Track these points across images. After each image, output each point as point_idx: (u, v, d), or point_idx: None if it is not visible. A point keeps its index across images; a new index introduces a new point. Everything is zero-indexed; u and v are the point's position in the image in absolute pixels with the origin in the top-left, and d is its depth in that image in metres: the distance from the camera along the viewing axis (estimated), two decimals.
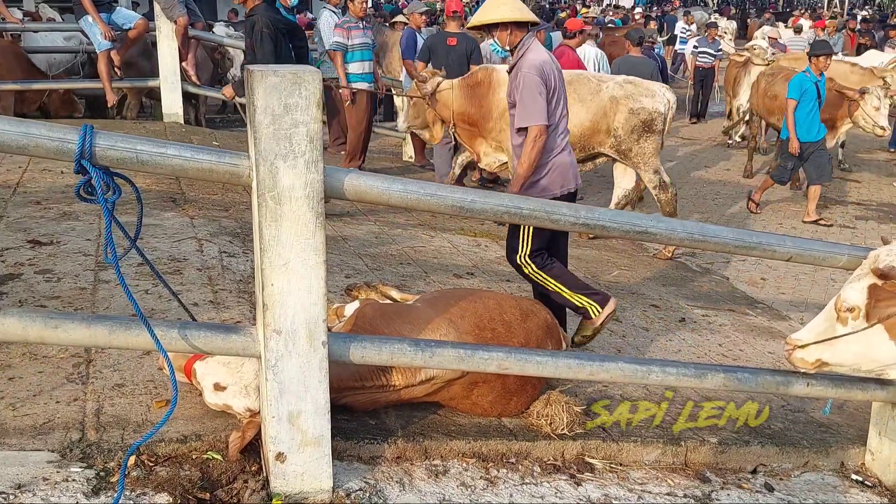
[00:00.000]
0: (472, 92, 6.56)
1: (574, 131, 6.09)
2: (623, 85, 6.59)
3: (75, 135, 2.09)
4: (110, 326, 2.27)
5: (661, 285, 5.74)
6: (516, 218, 2.64)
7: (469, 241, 6.18)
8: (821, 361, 2.87)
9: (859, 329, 2.74)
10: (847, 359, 2.84)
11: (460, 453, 2.86)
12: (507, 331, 3.09)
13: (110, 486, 2.34)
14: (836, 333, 2.81)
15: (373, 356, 2.54)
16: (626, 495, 2.84)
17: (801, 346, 2.88)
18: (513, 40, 3.78)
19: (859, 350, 2.79)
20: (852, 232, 8.17)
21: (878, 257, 2.78)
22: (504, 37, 3.78)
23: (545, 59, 3.76)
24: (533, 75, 3.66)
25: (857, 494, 3.14)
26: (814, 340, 2.86)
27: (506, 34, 3.76)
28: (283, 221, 2.25)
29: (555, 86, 3.77)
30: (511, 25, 3.74)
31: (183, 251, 4.50)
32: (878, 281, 2.73)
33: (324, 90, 8.30)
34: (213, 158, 2.24)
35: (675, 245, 5.15)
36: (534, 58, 3.72)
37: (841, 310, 2.79)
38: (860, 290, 2.76)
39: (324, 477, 2.47)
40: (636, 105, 6.46)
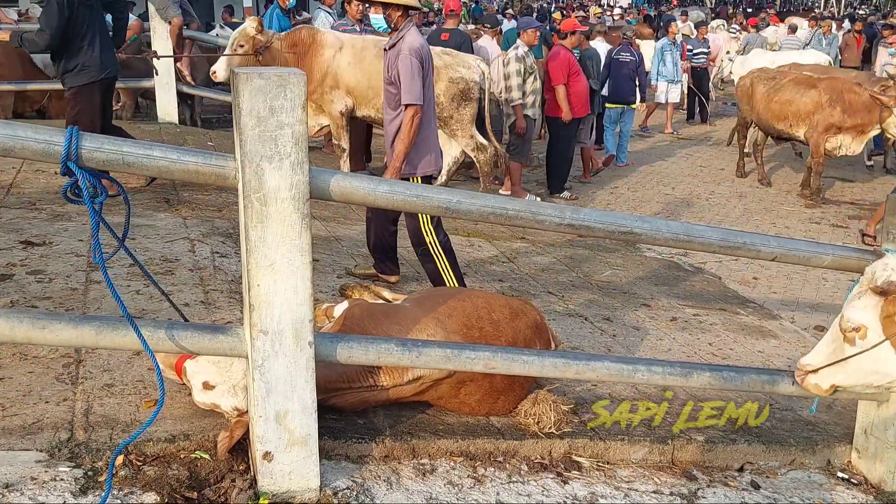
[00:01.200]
0: (292, 50, 6.56)
1: None
2: (441, 56, 6.87)
3: (61, 137, 2.10)
4: (97, 327, 2.29)
5: (652, 284, 5.77)
6: (502, 219, 2.66)
7: (461, 240, 6.19)
8: (835, 386, 2.87)
9: (868, 347, 2.73)
10: (860, 378, 2.83)
11: (448, 452, 2.88)
12: (495, 330, 3.11)
13: (98, 485, 2.35)
14: (844, 354, 2.79)
15: (360, 356, 2.56)
16: (612, 493, 2.87)
17: (813, 370, 2.87)
18: (399, 21, 4.23)
19: (871, 368, 2.78)
20: (845, 231, 8.21)
21: (875, 274, 2.77)
22: (394, 16, 4.24)
23: (423, 43, 4.25)
24: (414, 58, 4.11)
25: (843, 492, 3.16)
26: (824, 364, 2.84)
27: (396, 14, 4.23)
28: (268, 223, 2.27)
29: (427, 70, 4.21)
30: (402, 7, 4.22)
31: (175, 251, 4.52)
32: (879, 298, 2.72)
33: None
34: (199, 160, 2.26)
35: (661, 245, 5.17)
36: (413, 41, 4.17)
37: (847, 330, 2.77)
38: (862, 308, 2.75)
39: (311, 476, 2.49)
40: (455, 74, 6.88)
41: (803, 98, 9.11)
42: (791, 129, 9.38)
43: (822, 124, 8.86)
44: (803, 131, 9.19)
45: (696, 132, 13.82)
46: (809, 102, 9.03)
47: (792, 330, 5.18)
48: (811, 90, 9.10)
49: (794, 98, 9.21)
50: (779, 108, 9.42)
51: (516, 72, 8.06)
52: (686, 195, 9.55)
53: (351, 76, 6.71)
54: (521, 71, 8.06)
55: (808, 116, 9.05)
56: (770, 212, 8.91)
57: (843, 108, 8.71)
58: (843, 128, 8.77)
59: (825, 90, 8.96)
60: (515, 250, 6.16)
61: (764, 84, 9.80)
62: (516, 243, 6.42)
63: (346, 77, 6.71)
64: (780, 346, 4.74)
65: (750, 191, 9.79)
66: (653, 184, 10.08)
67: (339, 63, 6.66)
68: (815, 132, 8.95)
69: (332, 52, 6.65)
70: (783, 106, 9.36)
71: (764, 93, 9.68)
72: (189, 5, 9.08)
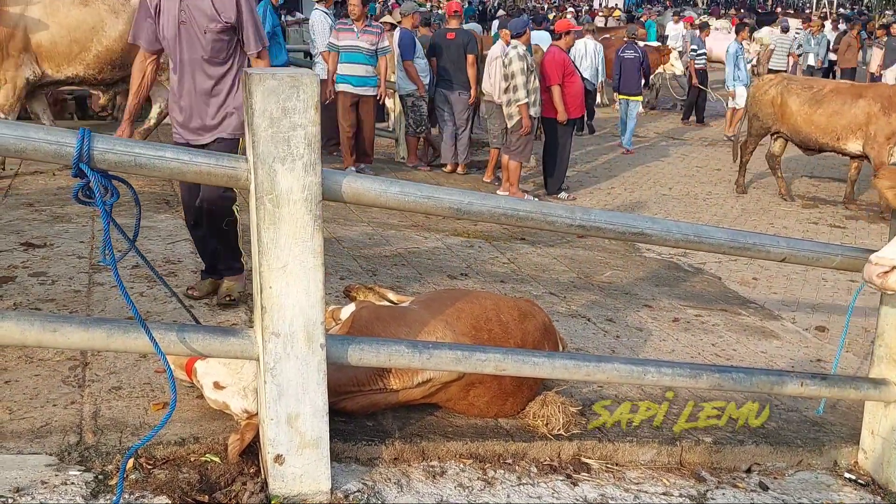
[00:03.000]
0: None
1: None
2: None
3: (73, 138, 2.08)
4: (108, 329, 2.27)
5: (653, 285, 5.77)
6: (513, 220, 2.65)
7: (463, 241, 6.19)
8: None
9: None
10: None
11: (457, 454, 2.87)
12: (504, 332, 3.10)
13: (109, 488, 2.33)
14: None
15: (370, 358, 2.54)
16: (622, 495, 2.86)
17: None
18: None
19: None
20: (843, 231, 8.24)
21: None
22: None
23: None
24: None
25: (851, 493, 3.17)
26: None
27: None
28: (281, 224, 2.26)
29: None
30: None
31: (177, 253, 4.50)
32: None
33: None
34: (212, 161, 2.24)
35: (671, 246, 5.10)
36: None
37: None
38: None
39: (322, 479, 2.47)
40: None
41: (853, 109, 8.60)
42: (839, 142, 8.77)
43: (881, 134, 8.41)
44: (857, 144, 8.66)
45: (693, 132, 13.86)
46: (861, 114, 8.54)
47: (793, 330, 5.19)
48: (860, 100, 8.61)
49: (842, 109, 8.66)
50: (825, 120, 8.79)
51: (520, 70, 8.05)
52: (683, 195, 9.57)
53: (45, 34, 5.75)
54: (524, 69, 8.06)
55: (861, 128, 8.55)
56: (767, 212, 8.94)
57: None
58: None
59: (875, 98, 8.55)
60: (516, 251, 6.16)
61: (799, 95, 9.08)
62: (516, 244, 6.42)
63: (39, 35, 5.73)
64: (782, 346, 4.75)
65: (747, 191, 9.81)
66: (650, 184, 10.10)
67: (28, 19, 5.67)
68: (876, 143, 8.44)
69: (20, 8, 5.65)
70: (830, 118, 8.75)
71: (802, 105, 9.01)
72: None
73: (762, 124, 9.49)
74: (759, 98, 9.50)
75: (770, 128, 9.42)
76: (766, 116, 9.43)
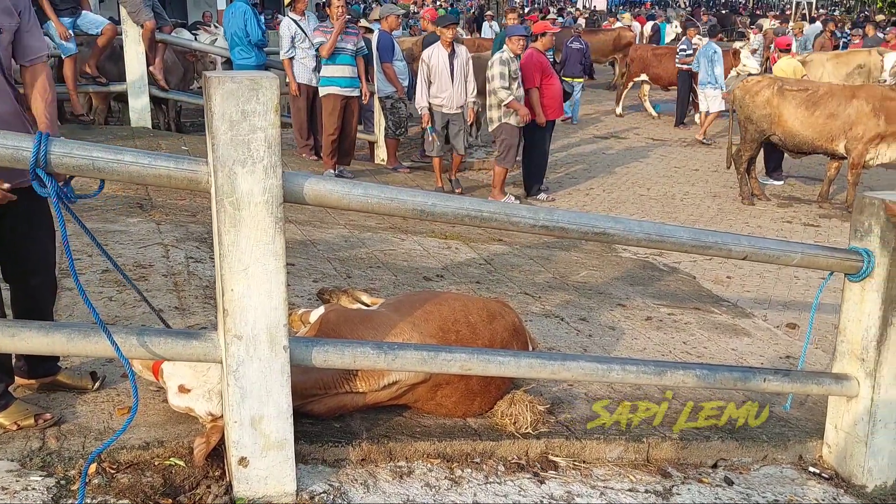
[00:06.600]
0: None
1: None
2: None
3: (30, 143, 2.08)
4: (68, 334, 2.27)
5: (628, 285, 5.81)
6: (477, 220, 2.67)
7: (439, 243, 6.21)
8: None
9: None
10: None
11: (425, 454, 2.89)
12: (472, 333, 3.12)
13: (71, 494, 2.33)
14: None
15: (335, 360, 2.55)
16: (588, 492, 2.89)
17: None
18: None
19: None
20: (816, 230, 8.33)
21: None
22: None
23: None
24: None
25: (815, 486, 3.21)
26: None
27: None
28: (242, 227, 2.26)
29: None
30: None
31: (149, 257, 4.49)
32: None
33: (310, 94, 8.32)
34: (171, 164, 2.25)
35: (634, 245, 5.06)
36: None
37: None
38: None
39: (287, 480, 2.48)
40: None
41: (847, 110, 8.54)
42: (832, 143, 8.70)
43: (867, 135, 8.45)
44: (842, 144, 8.63)
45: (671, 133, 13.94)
46: (854, 114, 8.51)
47: (765, 328, 5.24)
48: (853, 100, 8.56)
49: (838, 111, 8.57)
50: (822, 122, 8.67)
51: (500, 74, 8.12)
52: (661, 196, 9.64)
53: None
54: (504, 74, 8.12)
55: (850, 128, 8.54)
56: (743, 211, 9.02)
57: (887, 117, 8.39)
58: (885, 136, 8.44)
59: (867, 99, 8.51)
60: (492, 252, 6.18)
61: (794, 97, 8.85)
62: (493, 245, 6.44)
63: None
64: (753, 343, 4.80)
65: (723, 191, 9.89)
66: (628, 185, 10.16)
67: None
68: (860, 143, 8.47)
69: None
70: (828, 121, 8.64)
71: (798, 107, 8.81)
72: (161, 8, 9.02)
73: (757, 128, 9.09)
74: (749, 101, 9.12)
75: (765, 131, 9.06)
76: (760, 119, 9.05)
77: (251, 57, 8.55)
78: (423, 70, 8.36)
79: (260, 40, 8.67)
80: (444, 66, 8.30)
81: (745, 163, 9.36)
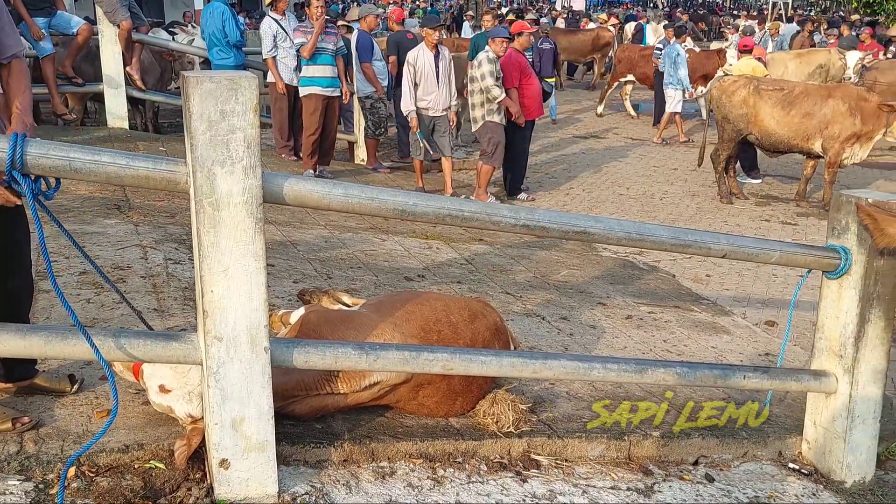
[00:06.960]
0: None
1: None
2: None
3: (6, 144, 2.05)
4: (46, 336, 2.24)
5: (608, 283, 5.84)
6: (458, 220, 2.67)
7: (420, 243, 6.21)
8: None
9: None
10: None
11: (407, 454, 2.88)
12: (454, 332, 3.12)
13: (50, 497, 2.30)
14: None
15: (316, 360, 2.54)
16: (571, 490, 2.90)
17: None
18: None
19: None
20: (794, 228, 8.42)
21: None
22: None
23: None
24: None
25: (794, 482, 3.25)
26: None
27: None
28: (221, 228, 2.25)
29: None
30: None
31: (127, 258, 4.44)
32: None
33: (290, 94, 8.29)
34: (149, 165, 2.22)
35: (614, 244, 5.06)
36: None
37: None
38: None
39: (269, 482, 2.47)
40: None
41: (823, 109, 8.65)
42: (808, 142, 8.79)
43: (844, 134, 8.55)
44: (818, 143, 8.74)
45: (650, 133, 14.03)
46: (830, 113, 8.61)
47: (744, 325, 5.29)
48: (829, 100, 8.66)
49: (814, 110, 8.68)
50: (798, 121, 8.77)
51: (490, 72, 8.14)
52: (640, 195, 9.70)
53: None
54: (493, 72, 8.15)
55: (826, 127, 8.64)
56: (722, 210, 9.10)
57: (862, 116, 8.50)
58: (860, 136, 8.55)
59: (843, 99, 8.61)
60: (473, 252, 6.19)
61: (771, 97, 8.94)
62: (475, 245, 6.45)
63: None
64: (732, 341, 4.85)
65: (702, 190, 9.97)
66: (608, 184, 10.21)
67: None
68: (837, 142, 8.57)
69: None
70: (803, 120, 8.74)
71: (774, 106, 8.90)
72: (138, 8, 8.93)
73: (734, 127, 9.17)
74: (726, 101, 9.17)
75: (742, 130, 9.14)
76: (737, 119, 9.13)
77: (230, 57, 8.50)
78: (408, 72, 8.30)
79: (238, 41, 8.63)
80: (430, 68, 8.27)
81: (723, 162, 9.43)
